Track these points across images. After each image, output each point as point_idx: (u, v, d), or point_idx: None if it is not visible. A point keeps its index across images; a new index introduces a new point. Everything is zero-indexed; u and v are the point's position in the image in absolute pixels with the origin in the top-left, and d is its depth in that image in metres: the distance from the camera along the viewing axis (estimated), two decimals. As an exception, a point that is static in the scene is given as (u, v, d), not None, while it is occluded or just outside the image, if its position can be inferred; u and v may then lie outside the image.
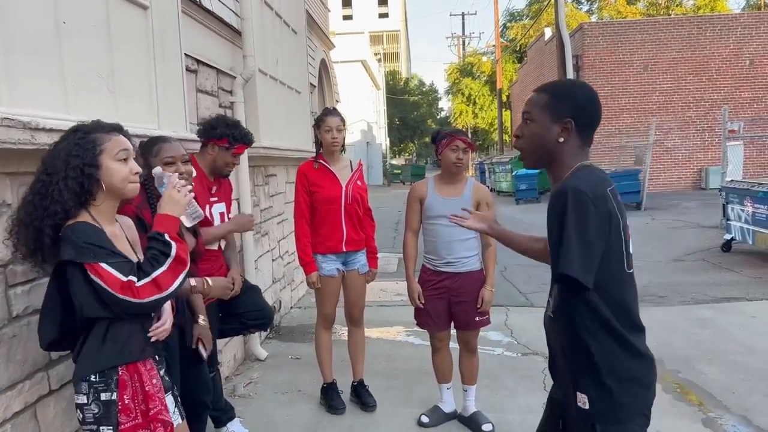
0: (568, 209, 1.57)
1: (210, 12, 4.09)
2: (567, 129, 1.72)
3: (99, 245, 1.78)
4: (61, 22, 2.37)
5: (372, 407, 3.82)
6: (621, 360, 1.64)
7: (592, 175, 1.68)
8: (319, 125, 3.73)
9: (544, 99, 1.77)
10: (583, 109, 1.74)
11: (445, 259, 3.46)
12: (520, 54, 34.29)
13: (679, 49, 19.32)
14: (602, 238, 1.59)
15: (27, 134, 2.00)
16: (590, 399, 1.64)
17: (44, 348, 2.01)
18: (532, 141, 1.80)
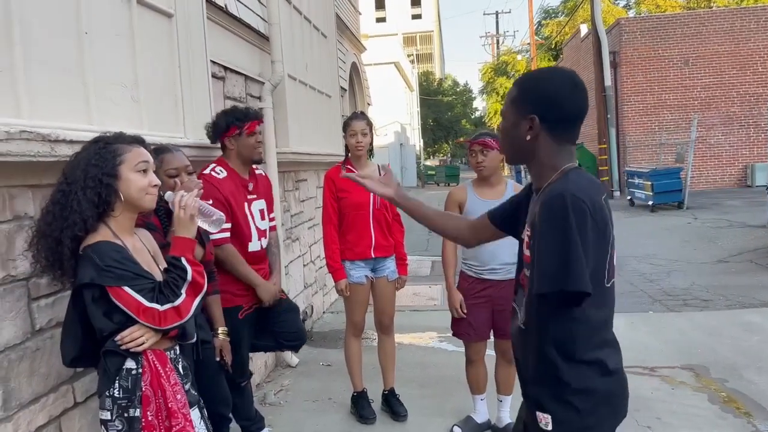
0: (570, 218, 1.43)
1: (236, 18, 4.07)
2: (532, 127, 1.57)
3: (122, 268, 1.76)
4: (83, 32, 2.36)
5: (403, 417, 3.74)
6: (590, 379, 1.53)
7: (586, 180, 1.55)
8: (345, 129, 3.69)
9: (513, 93, 1.65)
10: (549, 103, 1.56)
11: (488, 266, 3.37)
12: (556, 52, 33.75)
13: (721, 42, 18.70)
14: (596, 249, 1.47)
15: (47, 146, 1.99)
16: (554, 420, 1.53)
17: (67, 365, 2.00)
18: (503, 138, 1.70)
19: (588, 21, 21.84)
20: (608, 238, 1.52)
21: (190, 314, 1.83)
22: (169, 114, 3.08)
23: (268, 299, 3.09)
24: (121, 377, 1.82)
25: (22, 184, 2.05)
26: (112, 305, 1.78)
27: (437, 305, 6.77)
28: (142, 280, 1.78)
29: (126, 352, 1.81)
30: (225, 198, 2.99)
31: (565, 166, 1.58)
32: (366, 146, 3.66)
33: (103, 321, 1.81)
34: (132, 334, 1.80)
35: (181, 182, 2.44)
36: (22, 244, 2.03)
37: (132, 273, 1.77)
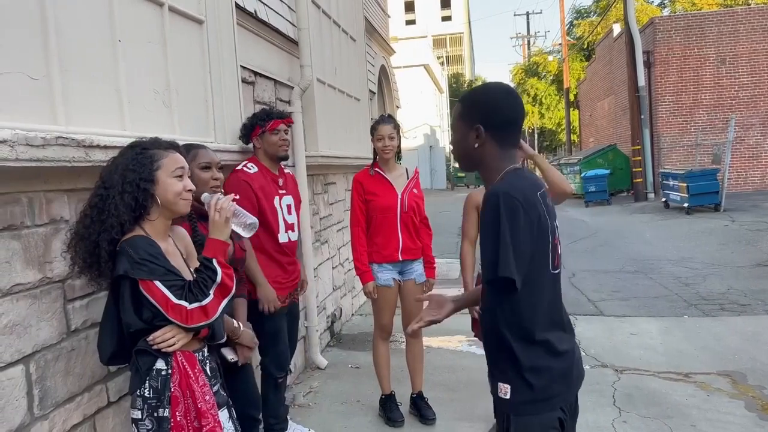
0: (501, 214, 1.61)
1: (266, 23, 4.12)
2: (478, 135, 1.77)
3: (155, 262, 1.81)
4: (117, 40, 2.42)
5: (431, 420, 3.73)
6: (540, 358, 1.69)
7: (522, 179, 1.73)
8: (372, 133, 3.71)
9: (459, 108, 1.86)
10: (488, 112, 1.77)
11: None
12: (588, 52, 33.30)
13: (759, 40, 18.19)
14: (531, 241, 1.64)
15: (81, 152, 2.04)
16: (512, 390, 1.70)
17: (105, 362, 2.05)
18: (456, 148, 1.88)
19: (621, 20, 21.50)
20: (545, 228, 1.68)
21: (216, 315, 1.86)
22: (200, 119, 3.13)
23: (265, 302, 3.07)
24: (151, 377, 1.86)
25: (58, 188, 2.11)
26: (142, 300, 1.83)
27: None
28: (172, 276, 1.83)
29: (157, 352, 1.85)
30: (255, 192, 3.13)
31: (508, 167, 1.76)
32: (393, 150, 3.67)
33: (132, 316, 1.85)
34: (164, 335, 1.84)
35: (213, 177, 2.49)
36: (59, 246, 2.09)
37: (164, 268, 1.82)
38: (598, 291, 7.31)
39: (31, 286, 1.97)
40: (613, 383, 4.30)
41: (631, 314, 6.17)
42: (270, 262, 3.19)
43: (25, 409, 1.91)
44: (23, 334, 1.92)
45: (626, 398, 4.01)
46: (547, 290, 1.73)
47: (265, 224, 3.12)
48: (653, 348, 5.05)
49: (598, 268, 8.59)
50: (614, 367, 4.62)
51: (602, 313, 6.26)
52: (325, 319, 5.35)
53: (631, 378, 4.39)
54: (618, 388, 4.20)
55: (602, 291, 7.30)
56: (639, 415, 3.75)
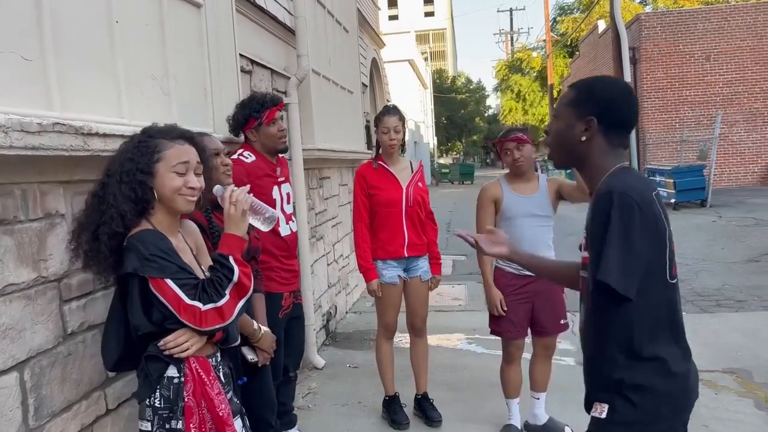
0: (613, 213, 1.47)
1: (263, 10, 3.96)
2: (590, 128, 1.63)
3: (167, 258, 1.65)
4: (114, 21, 2.25)
5: (437, 422, 3.61)
6: (649, 377, 1.52)
7: (636, 178, 1.60)
8: (377, 125, 3.56)
9: (571, 95, 1.70)
10: (609, 107, 1.63)
11: None
12: (571, 48, 33.41)
13: (744, 37, 18.36)
14: (647, 245, 1.50)
15: (80, 140, 1.88)
16: (611, 409, 1.54)
17: (109, 369, 1.90)
18: (556, 138, 1.72)
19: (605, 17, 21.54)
20: (662, 232, 1.53)
21: (233, 317, 1.70)
22: (198, 107, 2.97)
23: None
24: (162, 386, 1.70)
25: (54, 180, 1.95)
26: (151, 301, 1.67)
27: (462, 305, 6.64)
28: (185, 275, 1.67)
29: (169, 357, 1.69)
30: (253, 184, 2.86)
31: (616, 166, 1.62)
32: (399, 142, 3.53)
33: (141, 317, 1.70)
34: (176, 339, 1.68)
35: (223, 163, 2.34)
36: (54, 243, 1.93)
37: (176, 266, 1.66)
38: (592, 287, 7.24)
39: (25, 286, 1.81)
40: (618, 382, 4.22)
41: (628, 311, 6.10)
42: (271, 258, 3.02)
43: (19, 420, 1.74)
44: (17, 338, 1.76)
45: (634, 397, 3.93)
46: (663, 301, 1.55)
47: None
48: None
49: (590, 264, 8.53)
50: (618, 365, 4.54)
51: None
52: (320, 317, 5.21)
53: (636, 376, 4.30)
54: (624, 387, 4.11)
55: (597, 287, 7.23)
56: (648, 415, 3.66)
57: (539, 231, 3.27)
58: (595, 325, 1.60)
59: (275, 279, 2.96)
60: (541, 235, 3.29)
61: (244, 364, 2.37)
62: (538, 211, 3.28)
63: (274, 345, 2.45)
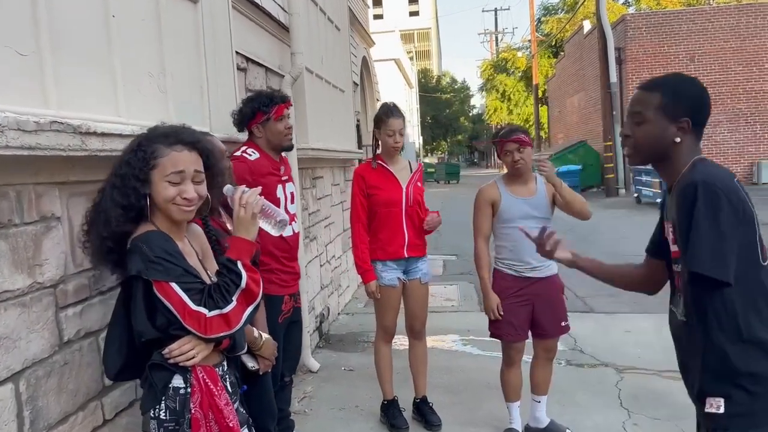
0: (698, 202, 1.50)
1: (258, 6, 3.88)
2: (684, 129, 1.66)
3: (172, 261, 1.58)
4: (111, 15, 2.16)
5: (437, 426, 3.55)
6: (759, 363, 1.52)
7: (717, 168, 1.63)
8: (380, 126, 3.47)
9: (657, 98, 1.69)
10: (699, 107, 1.69)
11: (530, 264, 3.22)
12: (556, 49, 33.57)
13: (727, 38, 18.57)
14: (737, 230, 1.51)
15: (77, 139, 1.80)
16: (726, 402, 1.53)
17: (112, 378, 1.82)
18: (646, 141, 1.73)
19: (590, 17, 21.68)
20: (750, 216, 1.55)
21: (239, 325, 1.63)
22: (195, 106, 2.88)
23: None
24: (168, 397, 1.62)
25: (50, 181, 1.86)
26: (155, 306, 1.60)
27: (455, 306, 6.60)
28: (190, 278, 1.60)
29: (174, 366, 1.62)
30: (256, 182, 2.75)
31: (694, 158, 1.66)
32: (402, 145, 3.47)
33: (144, 322, 1.62)
34: (182, 347, 1.60)
35: (226, 166, 2.26)
36: (50, 247, 1.84)
37: (182, 269, 1.59)
38: (584, 287, 7.18)
39: (20, 293, 1.72)
40: (616, 383, 4.20)
41: (621, 311, 6.10)
42: (272, 259, 2.93)
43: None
44: (12, 348, 1.67)
45: (633, 399, 3.91)
46: (760, 284, 1.55)
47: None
48: (650, 346, 4.96)
49: (581, 264, 8.53)
50: (615, 367, 4.52)
51: (593, 310, 6.18)
52: (314, 319, 5.13)
53: (634, 377, 4.29)
54: (622, 389, 4.09)
55: (588, 287, 7.16)
56: (648, 417, 3.64)
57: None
58: (698, 317, 1.59)
59: (275, 282, 2.87)
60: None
61: (244, 372, 2.29)
62: (537, 212, 3.24)
63: (276, 352, 2.37)
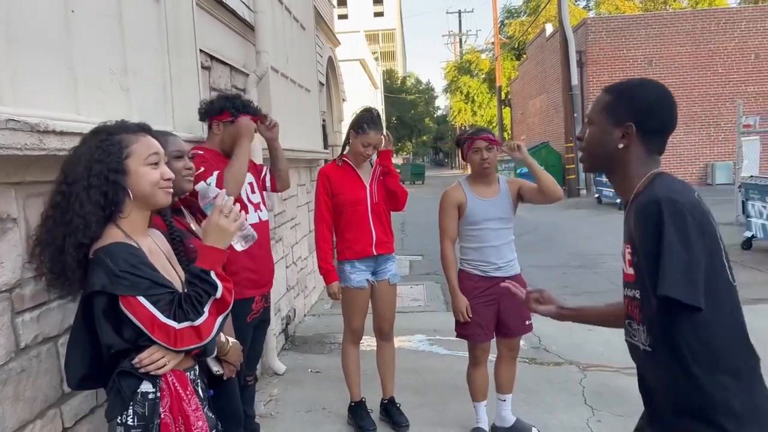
0: (665, 222, 1.36)
1: (223, 4, 3.81)
2: (628, 134, 1.54)
3: (139, 274, 1.52)
4: (70, 10, 2.10)
5: (405, 427, 3.55)
6: (739, 395, 1.38)
7: (677, 183, 1.49)
8: (357, 132, 3.42)
9: (605, 100, 1.61)
10: (648, 112, 1.54)
11: (496, 264, 3.25)
12: (519, 51, 34.05)
13: (683, 43, 19.12)
14: (705, 250, 1.37)
15: (35, 138, 1.73)
16: None
17: (73, 387, 1.76)
18: (591, 145, 1.64)
19: (552, 20, 22.02)
20: (714, 233, 1.43)
21: (211, 336, 1.58)
22: (158, 104, 2.82)
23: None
24: (136, 402, 1.57)
25: (5, 181, 1.79)
26: (123, 318, 1.54)
27: (421, 306, 6.62)
28: (159, 289, 1.55)
29: (144, 374, 1.57)
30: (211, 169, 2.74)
31: (651, 172, 1.54)
32: (371, 155, 3.48)
33: (112, 336, 1.56)
34: (151, 356, 1.56)
35: (186, 167, 2.21)
36: (5, 250, 1.77)
37: (149, 281, 1.53)
38: (548, 286, 7.17)
39: (-26, 298, 1.65)
40: (580, 381, 4.26)
41: (584, 309, 6.20)
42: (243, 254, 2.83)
43: (-31, 446, 1.59)
44: (-35, 355, 1.60)
45: (596, 396, 3.97)
46: (731, 305, 1.42)
47: None
48: (612, 344, 5.05)
49: (544, 263, 8.67)
50: (578, 365, 4.59)
51: (556, 309, 6.27)
52: (280, 321, 5.08)
53: (596, 375, 4.36)
54: (586, 386, 4.16)
55: (552, 286, 7.31)
56: (612, 414, 3.71)
57: (503, 234, 3.28)
58: (668, 346, 1.43)
59: (245, 282, 2.80)
60: (504, 238, 3.29)
61: (209, 376, 2.25)
62: (501, 213, 3.27)
63: (241, 358, 2.33)
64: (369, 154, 3.45)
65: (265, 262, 3.03)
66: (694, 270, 1.35)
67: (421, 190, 26.51)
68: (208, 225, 1.65)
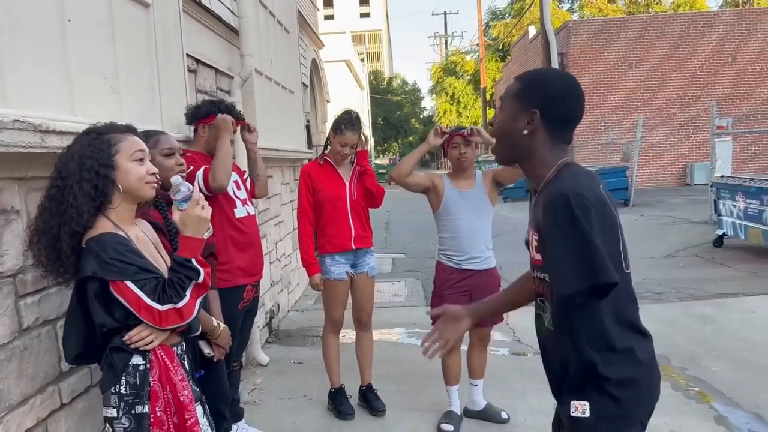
0: (578, 217, 1.44)
1: (208, 10, 3.99)
2: (532, 121, 1.59)
3: (126, 261, 1.71)
4: (67, 20, 2.27)
5: (381, 412, 3.75)
6: (626, 369, 1.54)
7: (583, 175, 1.57)
8: (336, 132, 3.62)
9: (516, 87, 1.65)
10: (552, 100, 1.59)
11: (467, 255, 3.45)
12: (503, 53, 34.39)
13: (662, 46, 19.49)
14: (606, 241, 1.48)
15: (38, 137, 1.91)
16: (591, 408, 1.54)
17: (70, 362, 1.95)
18: (500, 130, 1.68)
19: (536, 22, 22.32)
20: (615, 225, 1.53)
21: (192, 316, 1.78)
22: (147, 106, 2.99)
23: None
24: (128, 373, 1.77)
25: (9, 176, 1.97)
26: (113, 300, 1.73)
27: (402, 301, 6.82)
28: (145, 275, 1.73)
29: (134, 349, 1.76)
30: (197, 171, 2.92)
31: (560, 161, 1.60)
32: (349, 156, 3.67)
33: (104, 316, 1.76)
34: (140, 333, 1.76)
35: (178, 163, 2.39)
36: (10, 239, 1.95)
37: (136, 266, 1.72)
38: (525, 282, 7.56)
39: (-18, 282, 1.82)
40: (550, 369, 4.48)
41: (558, 304, 6.44)
42: (228, 244, 3.03)
43: (-21, 413, 1.76)
44: (-26, 333, 1.78)
45: (564, 383, 4.19)
46: (623, 292, 1.55)
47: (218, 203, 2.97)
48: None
49: (523, 261, 8.80)
50: (549, 354, 4.81)
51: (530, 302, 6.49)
52: (264, 315, 5.26)
53: (566, 364, 4.58)
54: (556, 374, 4.38)
55: (529, 282, 7.56)
56: (577, 398, 3.92)
57: (479, 225, 3.47)
58: (566, 329, 1.56)
59: (233, 272, 3.00)
60: (481, 230, 3.49)
61: (201, 358, 2.43)
62: (477, 205, 3.48)
63: (231, 342, 2.52)
64: (347, 154, 3.64)
65: (256, 253, 3.23)
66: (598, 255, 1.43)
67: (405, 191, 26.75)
68: (188, 217, 1.82)
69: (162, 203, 2.32)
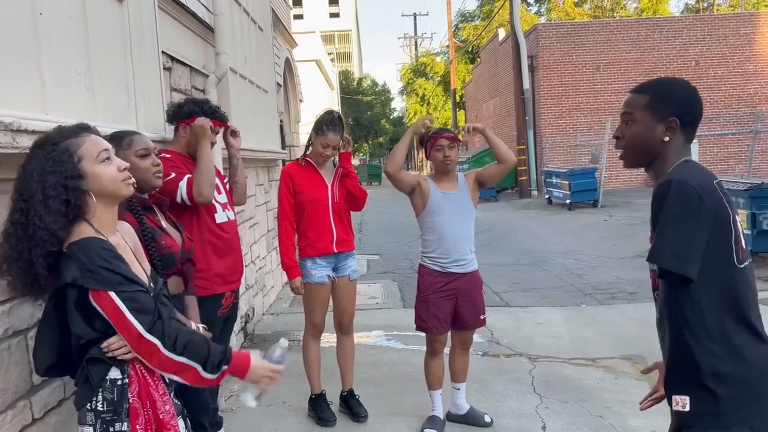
0: (668, 199, 1.56)
1: (183, 6, 3.87)
2: (672, 128, 1.71)
3: (111, 269, 1.60)
4: (38, 13, 2.16)
5: (363, 417, 3.68)
6: (725, 364, 1.56)
7: (696, 168, 1.69)
8: (318, 133, 3.54)
9: (646, 99, 1.76)
10: (687, 106, 1.74)
11: (452, 257, 3.41)
12: (473, 55, 34.61)
13: (628, 50, 19.82)
14: (706, 230, 1.55)
15: (9, 137, 1.80)
16: (691, 401, 1.58)
17: (41, 374, 1.82)
18: (635, 142, 1.78)
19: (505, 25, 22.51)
20: (725, 218, 1.59)
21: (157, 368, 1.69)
22: (121, 105, 2.88)
23: None
24: (105, 389, 1.66)
25: (-23, 178, 1.84)
26: (94, 310, 1.62)
27: (379, 303, 6.77)
28: (130, 286, 1.62)
29: (112, 359, 1.66)
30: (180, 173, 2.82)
31: (681, 159, 1.71)
32: (331, 157, 3.60)
33: (83, 327, 1.64)
34: (119, 340, 1.65)
35: (154, 164, 2.28)
36: (-22, 245, 1.82)
37: (121, 276, 1.61)
38: (500, 283, 7.59)
39: (-52, 292, 1.70)
40: (530, 371, 4.48)
41: (534, 305, 6.47)
42: (207, 250, 2.90)
43: (-54, 433, 1.64)
44: (-60, 347, 1.66)
45: (544, 385, 4.19)
46: (731, 285, 1.59)
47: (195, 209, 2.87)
48: (560, 336, 5.32)
49: (496, 261, 8.94)
50: (528, 356, 4.82)
51: (508, 305, 6.51)
52: (239, 319, 5.14)
53: (545, 365, 4.59)
54: (535, 376, 4.38)
55: (504, 283, 7.60)
56: (558, 401, 3.93)
57: (463, 226, 3.45)
58: (668, 315, 1.63)
59: (212, 279, 2.89)
60: (464, 231, 3.47)
61: None
62: (461, 207, 3.46)
63: None
64: (328, 155, 3.56)
65: (236, 259, 3.10)
66: (689, 244, 1.53)
67: (378, 191, 26.67)
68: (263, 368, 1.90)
69: (136, 206, 2.21)
